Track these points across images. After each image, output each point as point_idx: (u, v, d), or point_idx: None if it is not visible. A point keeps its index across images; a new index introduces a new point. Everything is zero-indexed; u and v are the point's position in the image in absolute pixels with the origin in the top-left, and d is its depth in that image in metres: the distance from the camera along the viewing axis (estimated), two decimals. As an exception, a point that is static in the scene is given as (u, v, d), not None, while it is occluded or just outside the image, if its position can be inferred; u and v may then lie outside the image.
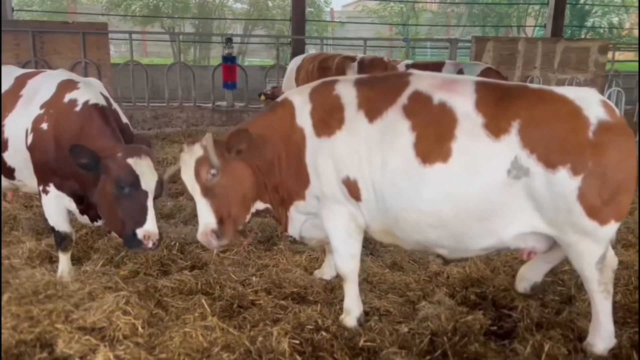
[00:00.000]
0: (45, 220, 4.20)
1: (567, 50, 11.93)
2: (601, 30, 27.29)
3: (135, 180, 3.56)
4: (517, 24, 28.70)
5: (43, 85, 4.14)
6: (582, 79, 11.79)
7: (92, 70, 9.89)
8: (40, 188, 4.05)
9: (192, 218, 5.49)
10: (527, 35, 26.06)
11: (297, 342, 3.28)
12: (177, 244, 4.67)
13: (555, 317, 3.62)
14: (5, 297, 3.69)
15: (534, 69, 11.77)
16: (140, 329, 3.33)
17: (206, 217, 3.40)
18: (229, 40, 11.89)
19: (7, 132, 4.09)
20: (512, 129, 3.01)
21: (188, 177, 3.42)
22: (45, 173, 3.99)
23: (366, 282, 4.15)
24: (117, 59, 15.44)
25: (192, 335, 3.25)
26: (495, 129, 3.03)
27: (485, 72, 8.53)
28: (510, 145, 3.00)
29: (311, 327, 3.44)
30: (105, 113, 3.94)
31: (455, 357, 3.22)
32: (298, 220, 3.67)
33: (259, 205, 3.69)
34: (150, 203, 3.62)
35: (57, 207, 4.06)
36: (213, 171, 3.34)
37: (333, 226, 3.47)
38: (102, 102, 4.02)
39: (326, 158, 3.33)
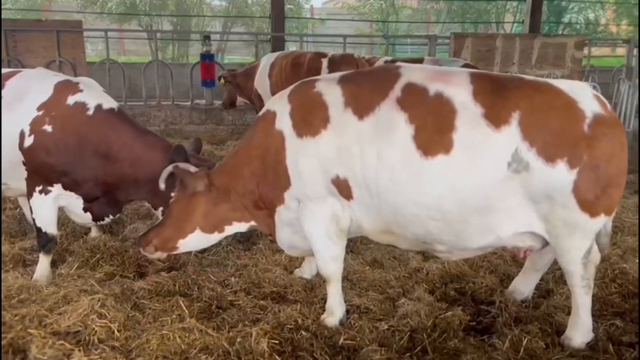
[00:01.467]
0: (25, 221, 4.12)
1: (544, 46, 12.06)
2: (578, 26, 27.71)
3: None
4: (495, 20, 28.96)
5: (32, 87, 4.09)
6: (560, 75, 11.92)
7: (67, 69, 9.71)
8: (39, 189, 3.99)
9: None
10: (505, 31, 26.33)
11: (277, 342, 3.25)
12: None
13: (534, 312, 3.65)
14: (-24, 303, 3.60)
15: (512, 65, 11.86)
16: (116, 332, 3.27)
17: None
18: (206, 38, 11.77)
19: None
20: (512, 120, 2.98)
21: None
22: (48, 174, 3.96)
23: (346, 279, 4.13)
24: (94, 57, 15.22)
25: (169, 338, 3.20)
26: (496, 119, 2.99)
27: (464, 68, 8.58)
28: (511, 136, 2.97)
29: (291, 326, 3.42)
30: (128, 118, 4.13)
31: (434, 353, 3.22)
32: (285, 232, 3.63)
33: (241, 227, 3.74)
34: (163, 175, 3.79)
35: (51, 208, 4.04)
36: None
37: (313, 228, 3.41)
38: (115, 104, 4.11)
39: (310, 158, 3.26)
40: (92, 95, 4.06)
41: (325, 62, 8.20)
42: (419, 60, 9.23)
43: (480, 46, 12.03)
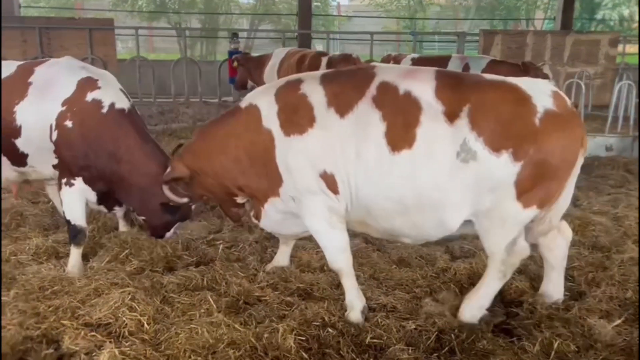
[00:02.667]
0: (57, 214, 4.23)
1: (577, 43, 11.81)
2: (611, 23, 27.02)
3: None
4: (525, 17, 28.46)
5: (60, 79, 4.18)
6: (592, 72, 11.66)
7: (98, 66, 9.86)
8: (64, 181, 4.14)
9: (199, 213, 5.48)
10: (535, 28, 25.83)
11: (303, 338, 3.26)
12: (183, 240, 4.66)
13: (565, 314, 3.57)
14: (12, 294, 3.70)
15: (543, 63, 11.64)
16: (146, 325, 3.33)
17: None
18: (234, 35, 11.87)
19: (20, 120, 4.12)
20: (462, 113, 3.12)
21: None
22: (71, 167, 4.10)
23: (373, 278, 4.12)
24: (124, 54, 15.46)
25: (197, 332, 3.24)
26: (450, 113, 3.15)
27: (490, 65, 8.48)
28: (460, 128, 3.11)
29: (317, 323, 3.42)
30: (135, 117, 4.25)
31: (462, 354, 3.19)
32: (273, 218, 3.78)
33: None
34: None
35: (78, 200, 4.16)
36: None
37: (315, 222, 3.53)
38: (128, 104, 4.25)
39: (299, 155, 3.40)
40: (109, 93, 4.18)
41: (324, 61, 8.56)
42: (447, 58, 9.16)
43: (510, 43, 11.86)
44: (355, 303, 3.55)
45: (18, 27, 9.94)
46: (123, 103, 4.22)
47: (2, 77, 4.24)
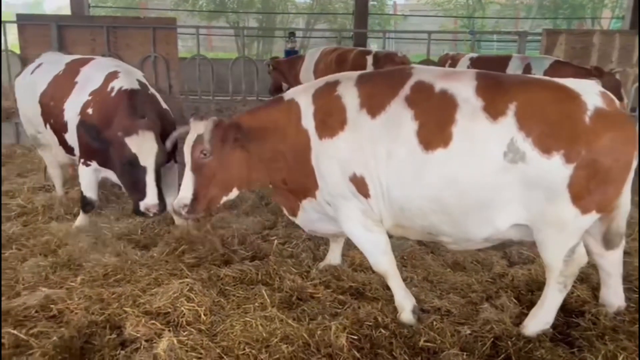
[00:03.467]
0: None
1: (647, 44, 11.17)
2: (686, 22, 25.42)
3: (134, 159, 4.07)
4: (591, 16, 27.26)
5: (95, 75, 4.72)
6: (664, 75, 11.01)
7: (161, 64, 10.22)
8: (82, 161, 4.70)
9: (254, 209, 5.59)
10: (602, 27, 24.69)
11: (356, 337, 3.26)
12: (238, 235, 4.75)
13: (630, 327, 3.41)
14: (78, 279, 3.90)
15: (610, 64, 11.10)
16: (203, 316, 3.42)
17: (185, 191, 3.58)
18: (292, 34, 11.98)
19: (67, 116, 4.67)
20: (508, 111, 3.01)
21: (186, 149, 3.62)
22: (88, 151, 4.55)
23: (426, 280, 4.07)
24: (184, 53, 15.92)
25: (252, 325, 3.30)
26: (493, 111, 3.04)
27: (554, 65, 8.16)
28: (507, 127, 3.00)
29: (370, 323, 3.41)
30: (133, 95, 4.40)
31: (519, 363, 3.10)
32: (309, 217, 3.80)
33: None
34: (150, 178, 4.10)
35: (90, 179, 4.73)
36: (205, 152, 3.52)
37: (352, 227, 3.53)
38: (136, 86, 4.50)
39: (330, 159, 3.40)
40: (122, 80, 4.54)
41: (370, 60, 8.45)
42: (507, 58, 8.89)
43: (575, 43, 11.35)
44: (404, 303, 3.54)
45: (88, 26, 10.39)
46: (132, 85, 4.50)
47: (51, 71, 4.97)
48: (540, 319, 3.33)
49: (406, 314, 3.50)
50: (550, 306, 3.31)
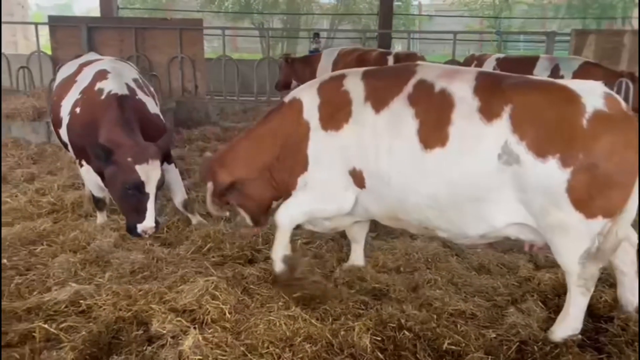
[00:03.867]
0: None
1: (681, 44, 10.88)
2: None
3: (141, 186, 4.07)
4: (622, 15, 26.65)
5: (87, 73, 4.81)
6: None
7: (187, 64, 10.38)
8: (77, 161, 4.81)
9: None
10: (633, 27, 24.12)
11: (379, 339, 3.25)
12: (263, 234, 4.78)
13: (661, 334, 3.32)
14: (106, 276, 3.97)
15: (641, 64, 10.85)
16: (227, 314, 3.46)
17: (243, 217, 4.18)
18: (316, 35, 12.02)
19: (62, 112, 4.76)
20: (503, 113, 3.02)
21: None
22: (78, 149, 4.67)
23: (451, 283, 4.04)
24: (210, 54, 16.09)
25: (276, 324, 3.32)
26: (489, 113, 3.06)
27: (584, 67, 8.00)
28: (501, 129, 3.01)
29: (393, 325, 3.40)
30: (124, 102, 4.39)
31: (546, 368, 3.05)
32: None
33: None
34: (151, 203, 4.16)
35: (89, 177, 4.75)
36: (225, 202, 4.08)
37: (289, 212, 3.78)
38: (124, 91, 4.52)
39: (333, 151, 3.53)
40: (111, 82, 4.59)
41: (391, 60, 8.55)
42: (534, 59, 8.77)
43: (605, 43, 11.14)
44: (278, 250, 3.81)
45: (116, 28, 10.60)
46: (120, 90, 4.52)
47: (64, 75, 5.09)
48: (568, 324, 3.27)
49: (277, 265, 3.80)
50: (576, 311, 3.25)
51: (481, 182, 3.10)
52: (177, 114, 9.70)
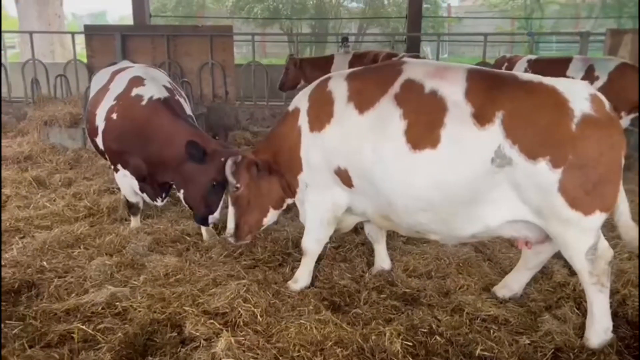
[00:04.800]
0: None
1: None
2: None
3: (226, 183, 4.19)
4: (660, 14, 25.82)
5: (121, 80, 4.94)
6: None
7: (217, 70, 10.51)
8: (112, 167, 4.94)
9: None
10: (672, 26, 23.37)
11: (410, 344, 3.24)
12: (292, 238, 4.81)
13: None
14: (141, 279, 4.06)
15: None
16: (259, 317, 3.49)
17: (229, 223, 4.10)
18: (345, 40, 12.00)
19: (98, 121, 4.89)
20: (496, 119, 3.06)
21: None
22: (114, 155, 4.81)
23: (483, 289, 3.98)
24: (239, 59, 16.28)
25: (306, 328, 3.34)
26: (482, 118, 3.09)
27: (620, 67, 7.78)
28: (493, 134, 3.06)
29: (425, 330, 3.39)
30: (171, 105, 4.63)
31: (582, 376, 2.99)
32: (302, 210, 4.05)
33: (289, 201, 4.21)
34: (222, 196, 4.37)
35: (124, 182, 4.91)
36: (236, 186, 4.00)
37: (312, 210, 3.86)
38: (165, 94, 4.71)
39: (317, 151, 3.63)
40: (149, 88, 4.72)
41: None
42: (568, 60, 8.58)
43: (642, 43, 10.80)
44: (301, 279, 3.97)
45: (148, 35, 10.83)
46: (162, 94, 4.68)
47: (99, 85, 5.18)
48: (598, 327, 3.22)
49: (297, 286, 3.93)
50: (600, 310, 3.21)
51: (475, 184, 3.14)
52: (208, 120, 9.85)
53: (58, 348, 3.23)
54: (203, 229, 4.98)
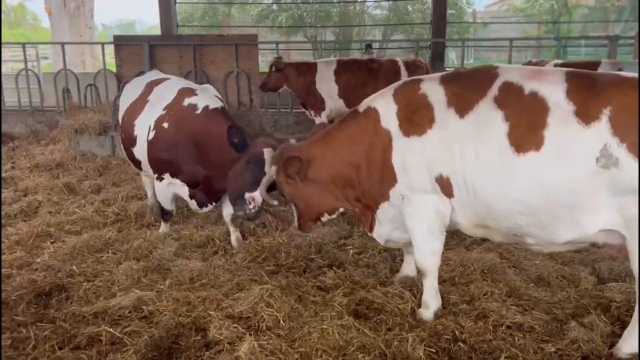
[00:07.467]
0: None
1: None
2: None
3: (261, 161, 4.31)
4: (693, 16, 25.15)
5: (167, 91, 5.03)
6: None
7: (242, 78, 10.64)
8: (156, 175, 4.98)
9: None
10: None
11: (433, 350, 3.22)
12: (315, 243, 4.84)
13: None
14: (167, 283, 4.14)
15: None
16: (282, 321, 3.52)
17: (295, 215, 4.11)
18: (368, 46, 12.03)
19: (137, 131, 4.99)
20: (602, 116, 2.93)
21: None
22: (163, 164, 4.83)
23: (508, 296, 3.94)
24: (264, 67, 16.43)
25: (329, 333, 3.35)
26: (586, 116, 2.96)
27: (651, 71, 7.61)
28: (600, 132, 2.92)
29: (448, 337, 3.36)
30: (227, 114, 4.80)
31: (609, 385, 2.93)
32: (386, 227, 3.86)
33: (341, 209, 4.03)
34: (263, 181, 4.16)
35: (167, 191, 5.01)
36: (288, 180, 3.87)
37: (416, 222, 3.59)
38: (220, 104, 4.83)
39: (417, 157, 3.43)
40: (203, 97, 4.84)
41: (402, 66, 8.53)
42: (596, 64, 8.44)
43: (674, 46, 10.56)
44: (431, 303, 3.68)
45: (176, 45, 11.03)
46: (217, 104, 4.81)
47: (132, 95, 5.34)
48: (635, 339, 3.12)
49: (428, 313, 3.65)
50: None
51: (578, 185, 3.00)
52: (233, 127, 9.99)
53: (86, 350, 3.31)
54: (233, 236, 5.03)
